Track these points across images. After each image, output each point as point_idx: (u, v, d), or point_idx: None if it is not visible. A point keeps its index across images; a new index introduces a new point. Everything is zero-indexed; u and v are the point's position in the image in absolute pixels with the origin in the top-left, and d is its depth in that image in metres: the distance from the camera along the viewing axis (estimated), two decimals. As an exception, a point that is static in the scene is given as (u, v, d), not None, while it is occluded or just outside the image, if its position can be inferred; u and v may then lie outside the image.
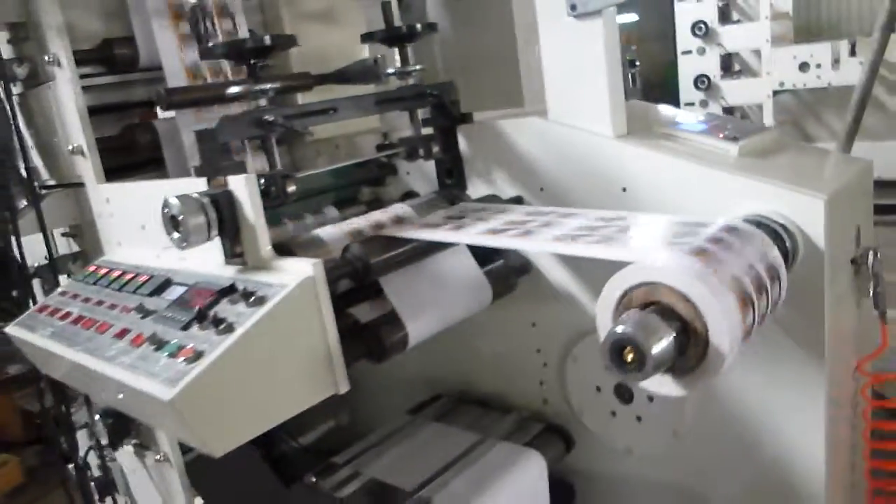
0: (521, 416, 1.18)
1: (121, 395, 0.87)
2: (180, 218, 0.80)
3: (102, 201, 1.11)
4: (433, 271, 0.96)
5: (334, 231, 0.97)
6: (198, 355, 0.71)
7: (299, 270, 0.78)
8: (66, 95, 1.09)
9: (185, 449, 1.24)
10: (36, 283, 1.32)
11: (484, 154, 1.14)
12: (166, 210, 0.82)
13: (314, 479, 1.07)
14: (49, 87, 1.13)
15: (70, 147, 1.12)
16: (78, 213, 1.24)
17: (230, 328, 0.73)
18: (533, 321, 1.17)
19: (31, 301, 1.23)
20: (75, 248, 1.31)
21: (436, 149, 1.15)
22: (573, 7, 0.96)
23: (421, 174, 1.25)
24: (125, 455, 1.44)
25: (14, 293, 1.37)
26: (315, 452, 1.54)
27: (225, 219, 0.82)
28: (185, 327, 0.78)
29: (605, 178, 1.01)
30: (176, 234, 0.82)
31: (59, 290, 1.08)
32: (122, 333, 0.84)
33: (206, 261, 0.90)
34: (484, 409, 1.23)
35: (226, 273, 0.86)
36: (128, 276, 0.98)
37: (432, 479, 1.00)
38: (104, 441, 1.31)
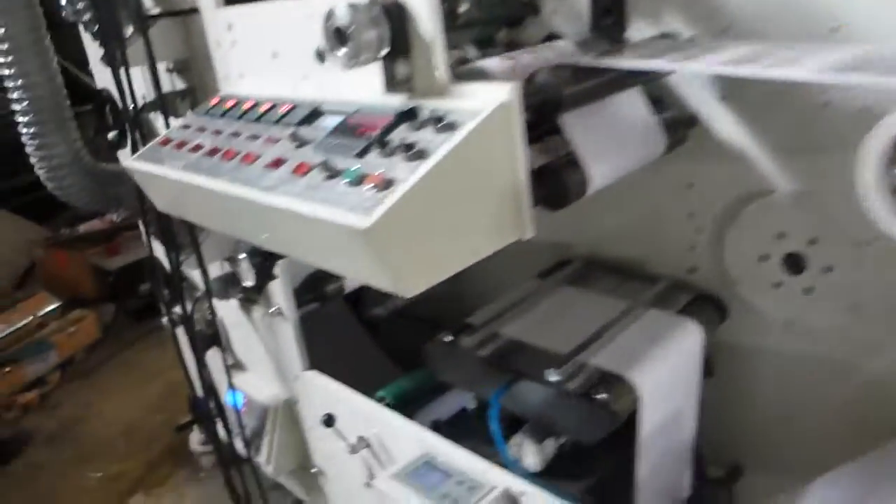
0: (668, 283, 1.09)
1: (266, 235, 0.80)
2: (350, 31, 0.68)
3: (222, 29, 0.99)
4: (612, 114, 0.84)
5: (499, 64, 0.84)
6: (388, 183, 0.61)
7: (492, 95, 0.67)
8: None
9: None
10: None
11: (653, -14, 0.98)
12: (330, 22, 0.71)
13: (451, 338, 1.00)
14: None
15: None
16: (185, 46, 1.13)
17: (421, 154, 0.63)
18: (690, 181, 1.05)
19: (138, 142, 1.15)
20: (179, 86, 1.21)
21: (595, -22, 0.99)
22: None
23: (569, 13, 1.10)
24: (228, 308, 1.40)
25: (113, 133, 1.29)
26: (412, 319, 1.49)
27: (397, 34, 0.70)
28: (362, 154, 0.68)
29: (811, 13, 0.85)
30: (343, 50, 0.70)
31: (180, 122, 0.98)
32: (276, 163, 0.74)
33: (359, 88, 0.79)
34: (619, 275, 1.14)
35: (391, 101, 0.75)
36: (264, 107, 0.88)
37: (585, 346, 0.92)
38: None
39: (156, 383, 2.28)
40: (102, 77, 1.44)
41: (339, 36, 0.70)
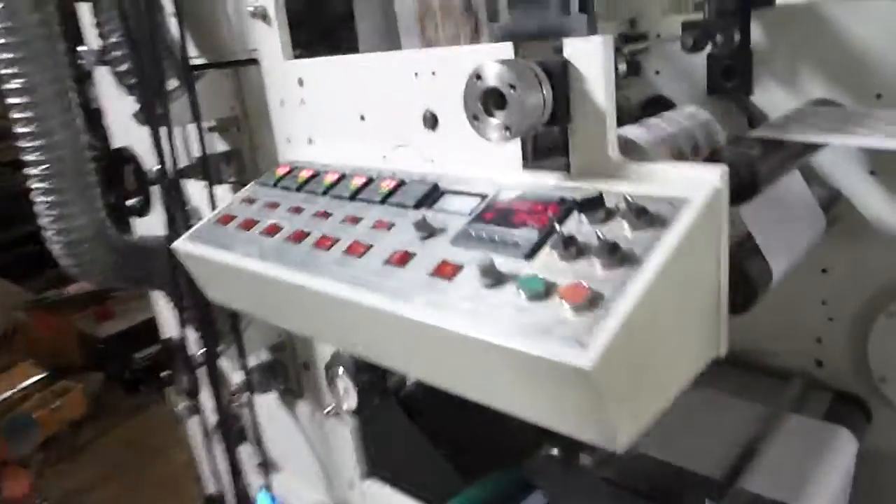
0: (802, 381, 0.94)
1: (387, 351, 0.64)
2: (511, 92, 0.54)
3: (290, 83, 0.84)
4: (782, 193, 0.71)
5: (645, 134, 0.70)
6: (593, 299, 0.46)
7: (695, 180, 0.52)
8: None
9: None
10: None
11: (791, 47, 0.86)
12: (479, 81, 0.56)
13: (560, 453, 0.84)
14: None
15: (251, 7, 0.84)
16: (235, 102, 0.98)
17: (628, 258, 0.48)
18: (825, 266, 0.92)
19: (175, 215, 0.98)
20: (220, 148, 1.05)
21: (719, 38, 0.87)
22: None
23: (677, 74, 0.98)
24: (263, 401, 1.22)
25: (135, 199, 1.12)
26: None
27: (558, 98, 0.56)
28: (532, 253, 0.52)
29: None
30: (496, 119, 0.56)
31: (243, 195, 0.82)
32: (401, 259, 0.58)
33: (486, 162, 0.64)
34: (741, 368, 0.99)
35: (538, 181, 0.60)
36: (357, 181, 0.72)
37: (738, 468, 0.77)
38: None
39: (155, 464, 2.04)
40: (122, 134, 1.27)
41: (491, 99, 0.56)
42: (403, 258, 0.58)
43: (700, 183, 0.52)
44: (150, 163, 1.05)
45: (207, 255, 0.76)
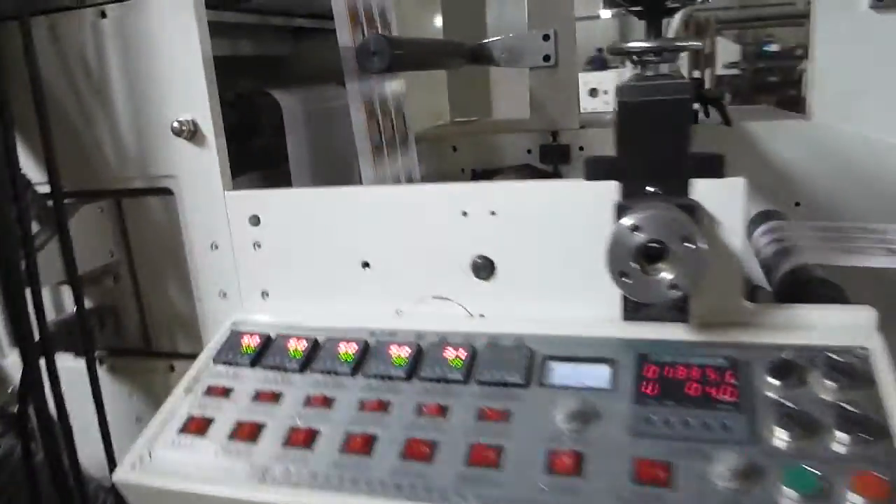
0: None
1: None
2: (685, 247, 0.47)
3: (236, 221, 0.64)
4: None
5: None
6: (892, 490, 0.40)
7: (855, 324, 0.50)
8: (180, 26, 0.61)
9: None
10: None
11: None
12: (636, 233, 0.47)
13: None
14: (134, 9, 0.62)
15: (177, 122, 0.62)
16: (116, 245, 0.72)
17: (877, 428, 0.43)
18: None
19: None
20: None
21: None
22: (882, -4, 0.83)
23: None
24: None
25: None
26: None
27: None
28: (752, 439, 0.44)
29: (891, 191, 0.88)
30: (663, 275, 0.47)
31: (192, 385, 0.58)
32: (572, 465, 0.45)
33: (562, 317, 0.55)
34: None
35: (657, 334, 0.53)
36: (401, 352, 0.56)
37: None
38: None
39: None
40: None
41: (635, 253, 0.48)
42: (574, 464, 0.45)
43: (860, 327, 0.50)
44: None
45: (183, 487, 0.51)
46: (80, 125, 0.68)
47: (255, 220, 0.64)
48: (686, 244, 0.47)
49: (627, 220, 0.48)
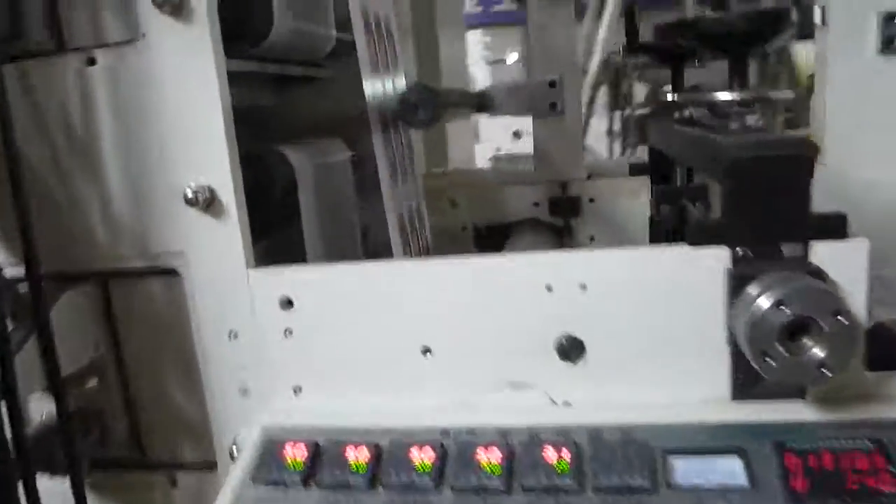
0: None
1: None
2: (825, 323, 0.41)
3: (262, 305, 0.53)
4: None
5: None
6: None
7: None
8: (195, 73, 0.51)
9: None
10: None
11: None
12: (781, 309, 0.42)
13: None
14: (132, 54, 0.52)
15: (190, 189, 0.52)
16: (102, 337, 0.60)
17: None
18: None
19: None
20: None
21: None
22: (890, 42, 0.83)
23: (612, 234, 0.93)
24: None
25: None
26: None
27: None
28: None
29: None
30: (813, 354, 0.42)
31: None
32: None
33: (658, 402, 0.49)
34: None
35: (774, 415, 0.47)
36: (485, 455, 0.47)
37: None
38: None
39: None
40: None
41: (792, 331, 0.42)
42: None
43: None
44: None
45: None
46: (61, 194, 0.55)
47: (287, 303, 0.54)
48: (839, 318, 0.41)
49: (770, 295, 0.42)
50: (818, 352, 0.42)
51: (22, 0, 0.53)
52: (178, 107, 0.52)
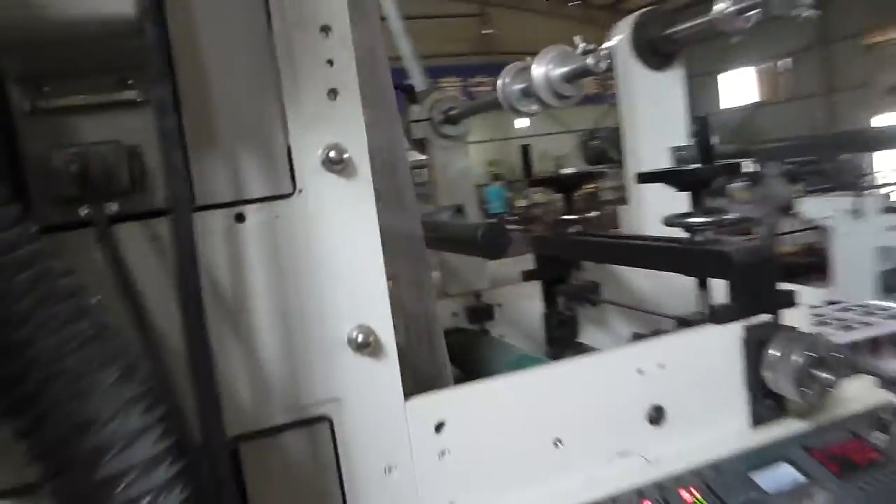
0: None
1: None
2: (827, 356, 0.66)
3: (417, 432, 0.57)
4: None
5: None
6: None
7: None
8: (356, 220, 0.56)
9: None
10: None
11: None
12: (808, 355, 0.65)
13: None
14: (290, 205, 0.53)
15: (357, 333, 0.55)
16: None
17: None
18: None
19: None
20: None
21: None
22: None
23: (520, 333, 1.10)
24: None
25: None
26: None
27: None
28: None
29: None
30: (830, 378, 0.65)
31: None
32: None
33: (703, 439, 0.68)
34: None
35: (785, 432, 0.70)
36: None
37: None
38: None
39: None
40: None
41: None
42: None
43: None
44: None
45: None
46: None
47: (439, 427, 0.58)
48: (832, 354, 0.65)
49: (796, 350, 0.64)
50: (830, 376, 0.65)
51: (141, 155, 0.51)
52: (340, 256, 0.55)
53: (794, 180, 3.54)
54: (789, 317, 0.71)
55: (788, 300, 0.72)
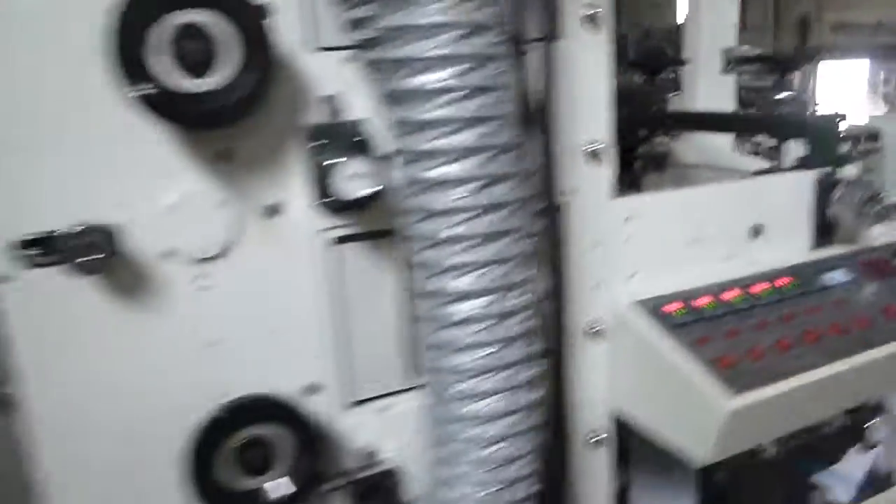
0: None
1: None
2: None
3: (613, 222, 0.81)
4: None
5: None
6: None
7: None
8: (593, 62, 0.77)
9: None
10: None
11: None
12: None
13: None
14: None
15: (587, 146, 0.77)
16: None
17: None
18: None
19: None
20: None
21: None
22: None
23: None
24: None
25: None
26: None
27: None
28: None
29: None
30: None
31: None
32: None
33: (784, 255, 0.95)
34: None
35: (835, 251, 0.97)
36: (765, 287, 0.86)
37: None
38: None
39: None
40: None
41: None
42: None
43: None
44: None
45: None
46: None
47: (626, 220, 0.82)
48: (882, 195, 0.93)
49: (856, 191, 0.91)
50: (882, 208, 0.92)
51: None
52: (582, 88, 0.76)
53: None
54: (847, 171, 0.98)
55: (847, 159, 0.99)
